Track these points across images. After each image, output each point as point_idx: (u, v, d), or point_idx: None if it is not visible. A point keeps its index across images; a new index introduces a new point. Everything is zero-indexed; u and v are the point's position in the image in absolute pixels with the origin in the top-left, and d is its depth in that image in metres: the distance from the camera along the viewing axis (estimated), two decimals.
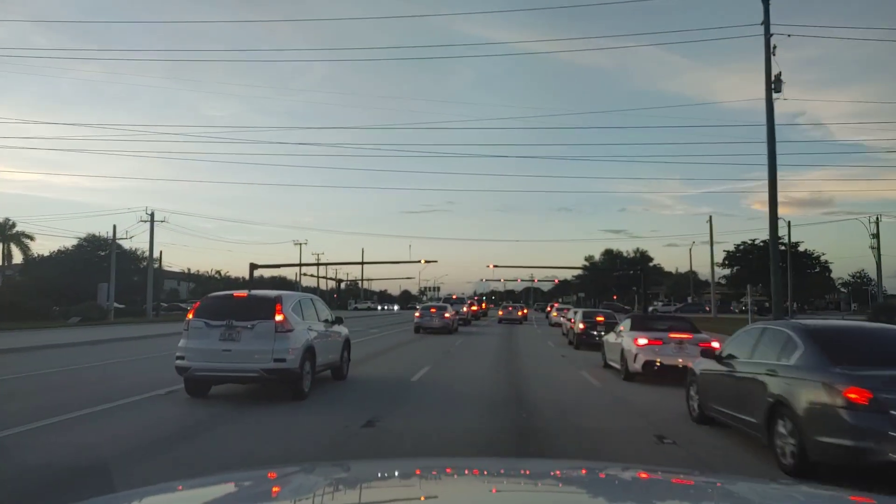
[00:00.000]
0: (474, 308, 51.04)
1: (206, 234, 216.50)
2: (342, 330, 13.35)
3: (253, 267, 71.82)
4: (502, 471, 2.73)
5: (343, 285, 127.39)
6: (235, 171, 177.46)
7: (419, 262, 71.36)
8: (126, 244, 61.45)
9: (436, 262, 73.03)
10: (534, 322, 51.41)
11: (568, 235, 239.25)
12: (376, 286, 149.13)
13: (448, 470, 2.72)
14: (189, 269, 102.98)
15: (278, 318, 10.28)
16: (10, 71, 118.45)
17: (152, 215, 58.93)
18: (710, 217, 63.57)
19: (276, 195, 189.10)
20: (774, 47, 23.88)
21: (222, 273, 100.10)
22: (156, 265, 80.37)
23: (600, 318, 23.58)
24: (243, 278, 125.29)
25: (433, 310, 32.16)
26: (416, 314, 32.57)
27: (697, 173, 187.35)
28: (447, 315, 31.36)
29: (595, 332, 22.35)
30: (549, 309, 64.20)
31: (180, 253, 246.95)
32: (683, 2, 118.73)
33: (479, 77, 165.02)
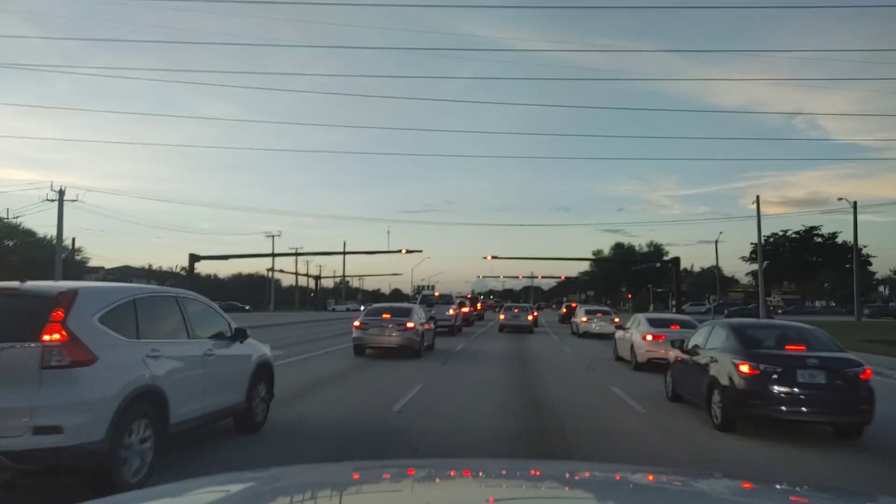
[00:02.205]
0: (466, 310, 36.88)
1: (204, 233, 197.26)
2: (251, 350, 7.86)
3: (193, 258, 58.16)
4: (504, 472, 2.68)
5: (333, 284, 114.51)
6: (234, 170, 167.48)
7: (401, 251, 58.44)
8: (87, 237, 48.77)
9: (420, 251, 60.27)
10: (548, 330, 37.56)
11: (567, 234, 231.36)
12: (369, 285, 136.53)
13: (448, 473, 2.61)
14: (150, 265, 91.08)
15: (51, 337, 4.91)
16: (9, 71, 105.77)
17: (61, 192, 48.23)
18: (758, 197, 50.05)
19: (270, 196, 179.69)
20: None
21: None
22: (78, 257, 68.28)
23: (799, 347, 8.65)
24: (215, 275, 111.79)
25: (386, 315, 18.21)
26: (356, 324, 18.35)
27: (694, 173, 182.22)
28: (410, 324, 17.87)
29: (788, 391, 8.05)
30: (564, 310, 49.45)
31: (162, 253, 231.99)
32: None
33: (478, 78, 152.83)
